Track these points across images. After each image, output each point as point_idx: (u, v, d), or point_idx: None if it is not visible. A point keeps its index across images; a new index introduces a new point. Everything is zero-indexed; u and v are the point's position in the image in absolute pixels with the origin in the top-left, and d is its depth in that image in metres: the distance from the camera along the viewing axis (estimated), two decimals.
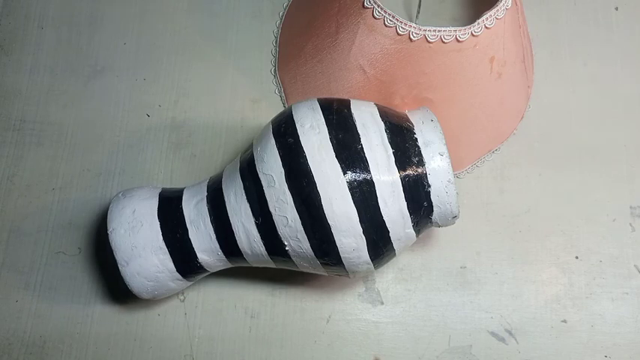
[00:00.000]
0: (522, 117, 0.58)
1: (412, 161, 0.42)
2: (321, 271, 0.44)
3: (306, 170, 0.40)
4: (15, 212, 0.55)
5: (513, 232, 0.55)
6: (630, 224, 0.56)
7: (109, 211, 0.45)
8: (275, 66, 0.60)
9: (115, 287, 0.53)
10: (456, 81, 0.49)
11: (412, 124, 0.44)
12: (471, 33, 0.46)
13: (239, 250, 0.44)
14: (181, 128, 0.58)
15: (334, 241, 0.40)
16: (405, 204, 0.41)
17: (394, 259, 0.45)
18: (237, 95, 0.59)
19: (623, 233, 0.55)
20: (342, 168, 0.40)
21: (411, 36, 0.46)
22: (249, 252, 0.44)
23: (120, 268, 0.44)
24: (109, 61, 0.60)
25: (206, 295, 0.53)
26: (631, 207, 0.56)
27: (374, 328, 0.53)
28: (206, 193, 0.45)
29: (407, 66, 0.48)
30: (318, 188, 0.40)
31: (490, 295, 0.54)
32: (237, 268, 0.50)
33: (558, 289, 0.54)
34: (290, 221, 0.41)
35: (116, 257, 0.44)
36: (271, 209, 0.41)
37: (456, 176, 0.56)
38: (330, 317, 0.53)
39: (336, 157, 0.40)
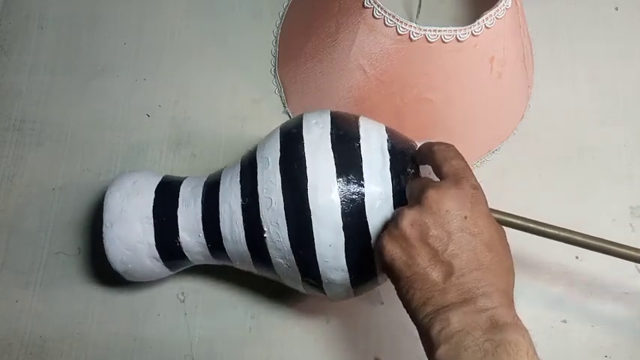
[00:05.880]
0: (522, 117, 0.58)
1: (407, 172, 0.42)
2: (297, 280, 0.44)
3: (299, 155, 0.41)
4: (15, 212, 0.55)
5: (513, 232, 0.55)
6: (630, 224, 0.56)
7: (113, 179, 0.48)
8: (275, 66, 0.60)
9: (115, 287, 0.53)
10: (456, 81, 0.49)
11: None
12: (471, 33, 0.46)
13: (219, 233, 0.44)
14: (181, 128, 0.58)
15: (312, 229, 0.40)
16: (391, 212, 0.41)
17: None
18: (237, 95, 0.59)
19: (623, 233, 0.55)
20: (334, 158, 0.41)
21: (411, 36, 0.46)
22: (229, 237, 0.44)
23: (104, 229, 0.45)
24: (109, 61, 0.60)
25: (206, 295, 0.53)
26: (631, 207, 0.56)
27: (374, 328, 0.53)
28: (205, 179, 0.47)
29: (407, 66, 0.48)
30: (307, 173, 0.40)
31: None
32: (238, 269, 0.50)
33: (558, 289, 0.54)
34: (274, 203, 0.41)
35: (104, 217, 0.45)
36: (259, 190, 0.42)
37: None
38: (329, 318, 0.53)
39: (331, 148, 0.41)
